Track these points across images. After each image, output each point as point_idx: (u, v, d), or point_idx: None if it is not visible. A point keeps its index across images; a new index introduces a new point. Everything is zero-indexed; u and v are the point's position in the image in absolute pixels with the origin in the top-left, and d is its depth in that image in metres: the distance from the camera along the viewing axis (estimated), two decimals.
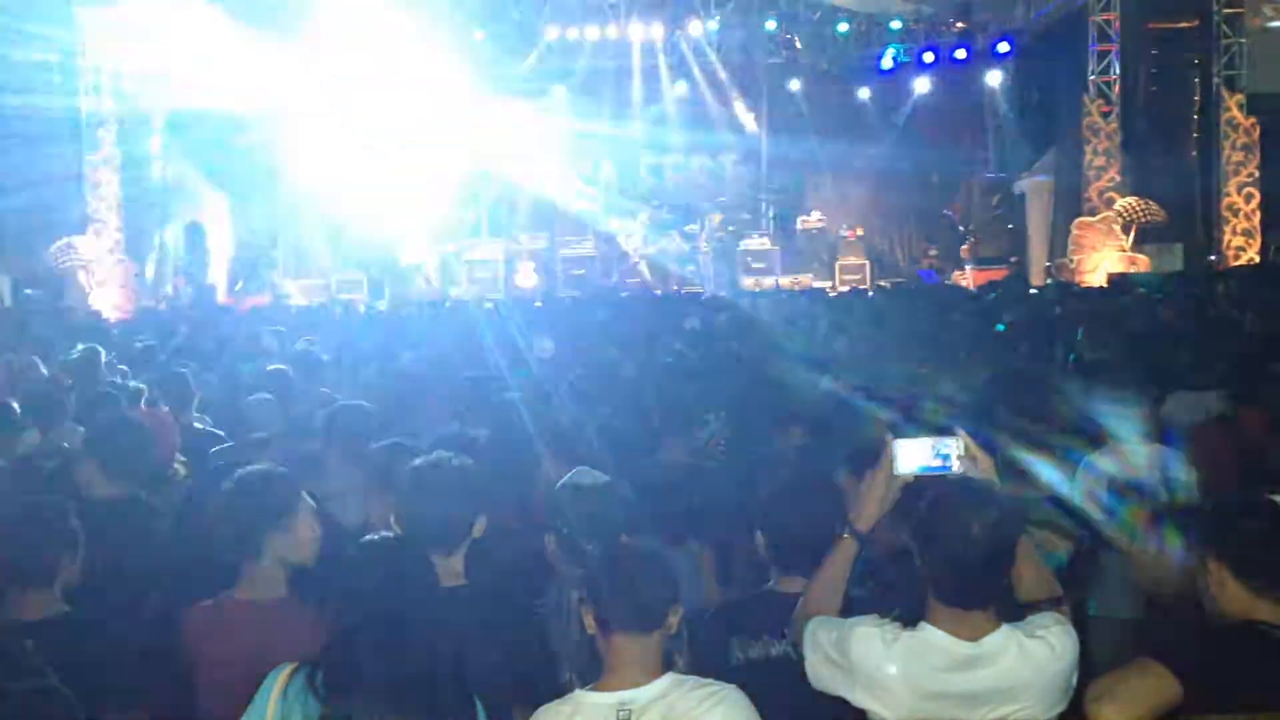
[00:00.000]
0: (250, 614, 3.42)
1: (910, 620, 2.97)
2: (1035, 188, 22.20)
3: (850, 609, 3.16)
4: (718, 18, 22.62)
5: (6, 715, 2.59)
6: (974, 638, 2.91)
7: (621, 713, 2.80)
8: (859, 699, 2.94)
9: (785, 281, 21.01)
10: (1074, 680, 2.93)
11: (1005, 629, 2.95)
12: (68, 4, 19.42)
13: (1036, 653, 2.91)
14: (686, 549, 4.30)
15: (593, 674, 2.98)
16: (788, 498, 3.43)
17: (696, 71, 23.91)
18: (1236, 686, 2.70)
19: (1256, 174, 19.57)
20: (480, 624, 3.28)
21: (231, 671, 3.22)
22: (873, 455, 3.20)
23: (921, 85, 23.64)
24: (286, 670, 2.79)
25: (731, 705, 2.82)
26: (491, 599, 3.47)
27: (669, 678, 2.86)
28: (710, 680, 2.87)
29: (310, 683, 2.71)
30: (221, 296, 21.43)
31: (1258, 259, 19.28)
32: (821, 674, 3.01)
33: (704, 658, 3.12)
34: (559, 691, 3.03)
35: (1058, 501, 4.68)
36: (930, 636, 2.93)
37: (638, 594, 2.88)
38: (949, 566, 2.91)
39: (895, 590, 3.31)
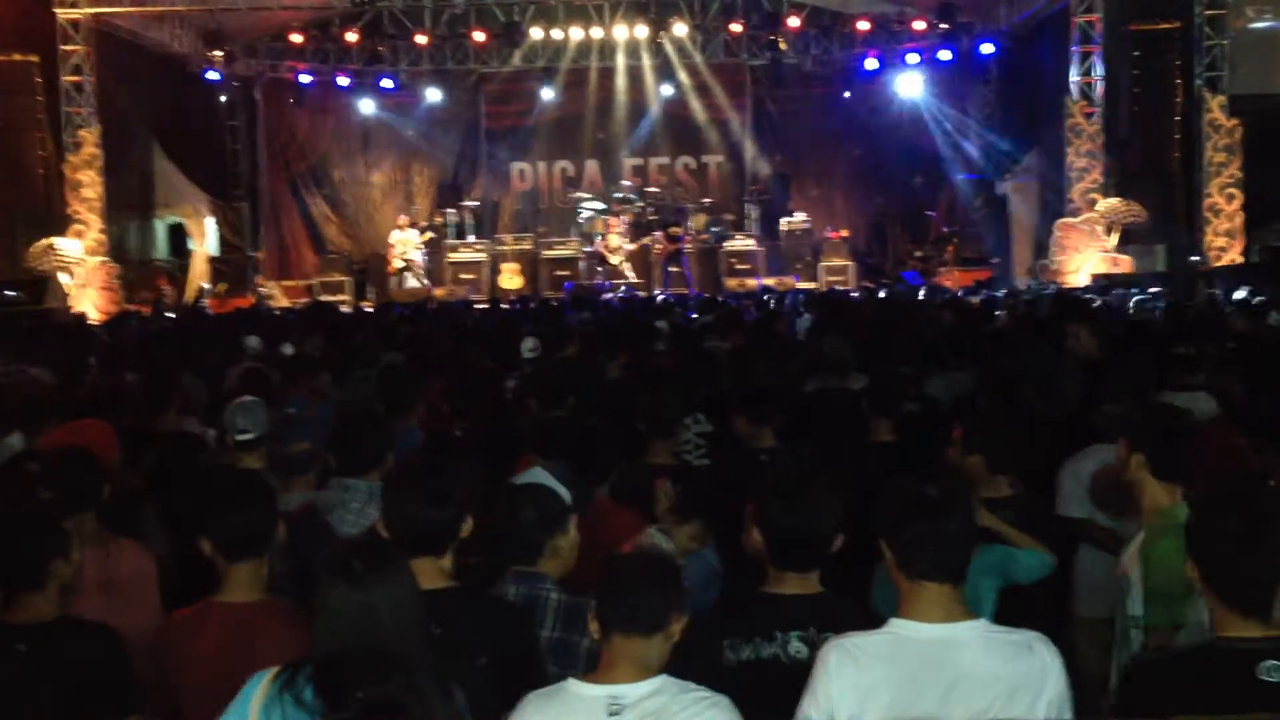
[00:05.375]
0: (230, 617, 3.40)
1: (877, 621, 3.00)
2: (1018, 189, 22.25)
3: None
4: (703, 18, 22.62)
5: None
6: (944, 620, 2.93)
7: (612, 706, 2.80)
8: (847, 709, 2.90)
9: (770, 283, 21.01)
10: (1060, 691, 2.90)
11: (981, 621, 2.97)
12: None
13: (1010, 647, 2.91)
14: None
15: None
16: (787, 494, 3.40)
17: (681, 72, 23.92)
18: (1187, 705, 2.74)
19: (1239, 175, 19.61)
20: (468, 625, 3.26)
21: (212, 676, 3.20)
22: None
23: (905, 86, 23.69)
24: (269, 675, 2.74)
25: (721, 712, 2.84)
26: (479, 600, 3.46)
27: (662, 679, 2.87)
28: (703, 686, 2.88)
29: (291, 688, 2.67)
30: (204, 298, 21.33)
31: (1240, 260, 19.36)
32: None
33: (694, 660, 3.10)
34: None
35: (1039, 503, 4.70)
36: (899, 630, 2.95)
37: (640, 600, 2.89)
38: (913, 538, 2.94)
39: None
